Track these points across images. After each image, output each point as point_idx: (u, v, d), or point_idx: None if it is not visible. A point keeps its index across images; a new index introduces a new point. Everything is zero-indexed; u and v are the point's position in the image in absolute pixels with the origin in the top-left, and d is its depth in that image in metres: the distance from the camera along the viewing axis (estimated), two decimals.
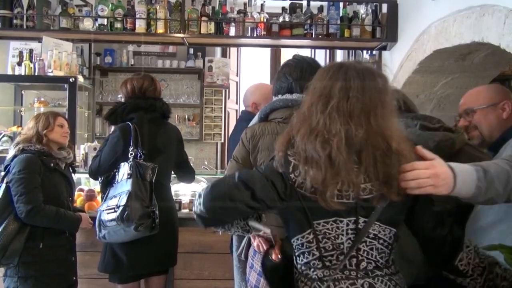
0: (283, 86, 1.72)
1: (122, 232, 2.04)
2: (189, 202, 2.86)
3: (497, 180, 1.14)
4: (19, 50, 3.22)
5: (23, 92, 3.44)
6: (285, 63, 1.80)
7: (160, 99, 2.38)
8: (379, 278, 1.15)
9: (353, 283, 1.14)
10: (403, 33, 3.24)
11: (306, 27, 3.38)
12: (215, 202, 1.14)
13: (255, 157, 1.66)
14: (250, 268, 1.71)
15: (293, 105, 1.65)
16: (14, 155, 2.17)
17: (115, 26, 3.32)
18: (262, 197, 1.13)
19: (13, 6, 3.27)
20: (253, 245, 1.44)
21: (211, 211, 1.15)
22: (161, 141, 2.28)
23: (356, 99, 1.10)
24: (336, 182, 1.08)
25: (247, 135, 1.69)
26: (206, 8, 3.36)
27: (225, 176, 1.33)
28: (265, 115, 1.71)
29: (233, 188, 1.13)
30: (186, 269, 2.71)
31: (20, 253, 2.08)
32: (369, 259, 1.16)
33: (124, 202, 2.02)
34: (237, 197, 1.13)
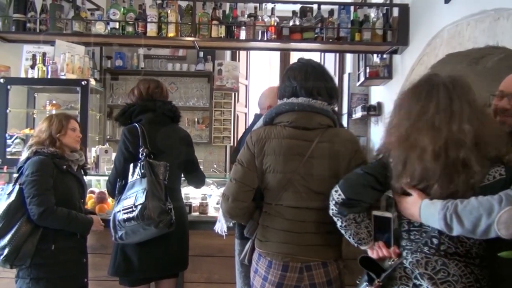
0: (287, 90, 1.72)
1: (141, 230, 2.03)
2: (199, 205, 2.86)
3: (471, 212, 1.20)
4: (32, 54, 3.26)
5: (36, 95, 3.48)
6: (290, 67, 1.79)
7: (169, 102, 2.38)
8: (455, 261, 1.31)
9: (428, 258, 1.33)
10: (414, 37, 3.22)
11: (316, 30, 3.38)
12: (352, 188, 1.42)
13: (260, 160, 1.65)
14: (255, 273, 1.70)
15: (298, 109, 1.65)
16: (27, 157, 2.18)
17: (126, 30, 3.35)
18: (382, 179, 1.40)
19: (26, 10, 3.32)
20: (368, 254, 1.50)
21: (351, 194, 1.41)
22: (169, 143, 2.26)
23: (458, 115, 1.26)
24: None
25: (253, 138, 1.68)
26: (217, 12, 3.37)
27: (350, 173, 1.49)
28: (270, 118, 1.71)
29: (361, 176, 1.43)
30: (195, 273, 2.71)
31: (32, 254, 2.09)
32: (450, 244, 1.32)
33: (142, 201, 2.01)
34: (366, 182, 1.41)
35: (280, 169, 1.63)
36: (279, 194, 1.64)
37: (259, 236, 1.70)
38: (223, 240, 2.24)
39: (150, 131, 2.20)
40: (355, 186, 1.43)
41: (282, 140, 1.64)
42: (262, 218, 1.72)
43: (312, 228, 1.62)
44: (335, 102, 1.77)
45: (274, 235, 1.65)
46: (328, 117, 1.68)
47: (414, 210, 1.34)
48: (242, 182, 1.66)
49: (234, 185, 1.67)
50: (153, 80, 2.40)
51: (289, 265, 1.60)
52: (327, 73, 1.77)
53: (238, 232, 2.05)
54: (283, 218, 1.65)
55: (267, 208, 1.70)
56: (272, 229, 1.66)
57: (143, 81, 2.37)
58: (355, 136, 1.81)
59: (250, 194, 1.68)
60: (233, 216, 1.76)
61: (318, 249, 1.62)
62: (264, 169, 1.65)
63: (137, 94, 2.33)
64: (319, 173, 1.61)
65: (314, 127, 1.65)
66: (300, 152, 1.62)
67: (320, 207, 1.61)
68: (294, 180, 1.62)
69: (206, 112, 5.28)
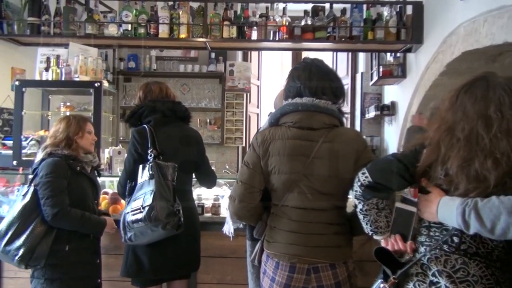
0: (292, 90, 1.70)
1: (149, 232, 2.03)
2: (211, 206, 2.85)
3: (489, 211, 1.17)
4: (46, 56, 3.30)
5: (50, 97, 3.52)
6: (294, 67, 1.78)
7: (179, 103, 2.38)
8: (475, 260, 1.26)
9: (448, 256, 1.29)
10: (429, 35, 3.17)
11: (328, 30, 3.34)
12: (380, 172, 1.41)
13: (266, 162, 1.64)
14: (263, 274, 1.69)
15: (302, 109, 1.63)
16: (42, 158, 2.20)
17: (138, 32, 3.37)
18: (412, 171, 1.36)
19: (41, 13, 3.36)
20: (382, 245, 1.46)
21: (379, 178, 1.40)
22: (178, 144, 2.26)
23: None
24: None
25: (258, 140, 1.67)
26: (228, 12, 3.37)
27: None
28: (275, 119, 1.70)
29: (390, 162, 1.41)
30: (208, 274, 2.70)
31: (46, 255, 2.11)
32: (471, 243, 1.27)
33: (150, 202, 2.01)
34: (395, 168, 1.39)
35: (284, 170, 1.61)
36: (284, 195, 1.63)
37: (267, 237, 1.69)
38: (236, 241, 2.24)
39: (159, 132, 2.20)
40: (383, 171, 1.41)
41: (286, 141, 1.62)
42: (269, 219, 1.71)
43: (319, 229, 1.60)
44: (341, 101, 1.74)
45: (281, 236, 1.64)
46: (333, 116, 1.66)
47: (432, 208, 1.31)
48: (249, 184, 1.65)
49: (241, 186, 1.66)
50: (158, 82, 2.41)
51: (296, 266, 1.58)
52: (332, 72, 1.75)
53: (249, 234, 2.04)
54: (289, 219, 1.63)
55: (274, 209, 1.69)
56: (279, 230, 1.65)
57: (150, 83, 2.40)
58: (362, 135, 1.78)
59: (257, 195, 1.67)
60: (240, 218, 1.75)
61: (326, 251, 1.59)
62: (269, 170, 1.64)
63: (142, 96, 2.35)
64: (324, 173, 1.59)
65: (319, 127, 1.63)
66: (304, 153, 1.60)
67: (327, 207, 1.59)
68: (299, 180, 1.60)
69: (218, 113, 5.28)
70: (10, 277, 2.78)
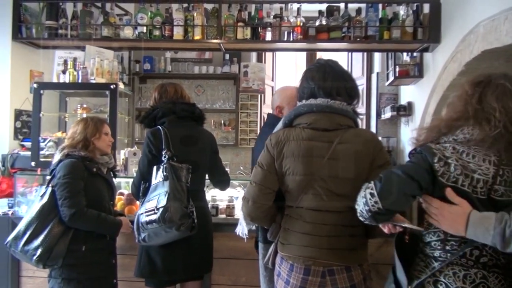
0: (306, 91, 1.69)
1: (163, 233, 2.05)
2: (225, 207, 2.85)
3: None
4: (64, 59, 3.36)
5: (68, 99, 3.58)
6: (308, 68, 1.77)
7: (193, 104, 2.39)
8: (494, 273, 1.23)
9: (467, 271, 1.24)
10: (447, 34, 3.10)
11: (343, 30, 3.31)
12: (392, 197, 1.27)
13: (280, 163, 1.63)
14: (278, 276, 1.67)
15: (317, 110, 1.62)
16: (59, 160, 2.24)
17: (153, 34, 3.39)
18: (425, 186, 1.27)
19: (58, 16, 3.41)
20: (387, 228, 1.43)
21: (390, 205, 1.27)
22: (192, 145, 2.27)
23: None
24: None
25: (272, 141, 1.66)
26: (243, 13, 3.36)
27: (389, 172, 1.31)
28: (289, 120, 1.69)
29: (403, 183, 1.27)
30: (223, 275, 2.70)
31: (64, 255, 2.14)
32: (492, 256, 1.23)
33: (164, 203, 2.03)
34: (409, 190, 1.27)
35: (299, 171, 1.60)
36: (299, 197, 1.61)
37: (281, 239, 1.68)
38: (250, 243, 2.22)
39: (173, 134, 2.21)
40: (396, 195, 1.26)
41: (301, 142, 1.61)
42: (283, 221, 1.70)
43: (334, 231, 1.58)
44: (356, 102, 1.72)
45: (295, 238, 1.62)
46: (348, 117, 1.64)
47: (458, 223, 1.21)
48: (262, 185, 1.64)
49: (254, 187, 1.65)
50: (173, 83, 2.42)
51: (311, 268, 1.57)
52: (346, 73, 1.74)
53: (261, 236, 2.03)
54: (304, 221, 1.61)
55: (288, 210, 1.68)
56: (293, 232, 1.64)
57: (164, 85, 2.41)
58: (377, 136, 1.75)
59: (271, 196, 1.66)
60: (253, 219, 1.74)
61: (341, 253, 1.57)
62: (284, 172, 1.63)
63: (157, 97, 2.37)
64: (339, 175, 1.57)
65: (334, 128, 1.61)
66: (319, 154, 1.59)
67: (342, 209, 1.57)
68: (314, 182, 1.58)
69: (232, 114, 5.28)
70: (28, 276, 2.83)
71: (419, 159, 1.30)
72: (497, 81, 1.31)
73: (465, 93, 1.35)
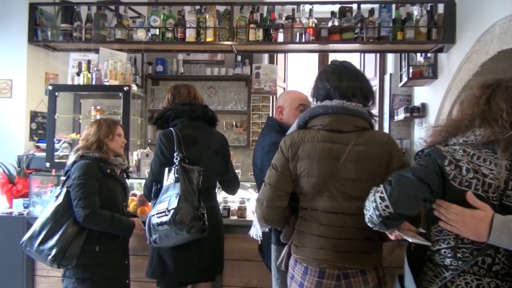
0: (321, 93, 1.68)
1: (174, 235, 2.05)
2: (237, 209, 2.85)
3: None
4: (78, 61, 3.41)
5: (82, 101, 3.62)
6: (322, 69, 1.76)
7: (206, 106, 2.39)
8: (507, 282, 1.18)
9: (480, 280, 1.19)
10: (462, 34, 3.06)
11: (356, 30, 3.29)
12: (404, 201, 1.23)
13: (294, 165, 1.62)
14: (291, 279, 1.66)
15: (332, 112, 1.60)
16: (74, 161, 2.27)
17: (166, 36, 3.41)
18: (435, 189, 1.23)
19: (73, 20, 3.47)
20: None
21: (402, 209, 1.24)
22: (204, 147, 2.27)
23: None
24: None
25: (286, 143, 1.65)
26: (255, 15, 3.37)
27: (398, 175, 1.27)
28: (304, 122, 1.67)
29: (414, 186, 1.23)
30: (234, 277, 2.70)
31: (78, 255, 2.16)
32: (505, 264, 1.18)
33: (175, 205, 2.03)
34: (420, 194, 1.23)
35: (314, 173, 1.58)
36: (314, 199, 1.60)
37: (295, 241, 1.67)
38: None
39: (185, 135, 2.21)
40: (407, 199, 1.23)
41: (316, 144, 1.60)
42: (297, 223, 1.68)
43: (349, 234, 1.56)
44: (371, 103, 1.70)
45: (310, 241, 1.61)
46: (364, 119, 1.63)
47: (481, 227, 1.15)
48: (277, 187, 1.63)
49: (269, 189, 1.64)
50: (186, 85, 2.42)
51: (326, 271, 1.55)
52: (361, 74, 1.72)
53: (274, 238, 2.02)
54: (318, 224, 1.60)
55: (303, 213, 1.67)
56: (307, 235, 1.62)
57: (177, 86, 2.41)
58: (393, 138, 1.73)
59: (285, 198, 1.65)
60: (268, 221, 1.73)
61: (356, 256, 1.56)
62: (299, 174, 1.61)
63: (171, 99, 2.37)
64: (355, 177, 1.55)
65: (349, 130, 1.60)
66: (335, 156, 1.57)
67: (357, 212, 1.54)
68: (329, 184, 1.57)
69: (244, 116, 5.29)
70: (43, 275, 2.87)
71: (428, 162, 1.27)
72: (507, 83, 1.30)
73: (473, 95, 1.33)
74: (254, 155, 2.21)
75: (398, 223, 1.30)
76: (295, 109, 2.17)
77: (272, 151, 2.04)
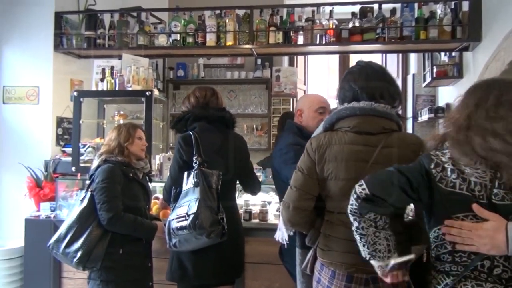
0: (347, 94, 1.65)
1: (194, 239, 2.05)
2: (259, 212, 2.84)
3: None
4: (102, 68, 3.48)
5: (105, 106, 3.70)
6: (349, 70, 1.72)
7: (224, 109, 2.38)
8: (510, 287, 1.12)
9: (481, 285, 1.15)
10: (488, 32, 2.97)
11: (378, 31, 3.24)
12: (379, 184, 1.29)
13: (321, 167, 1.59)
14: (317, 283, 1.63)
15: (361, 113, 1.57)
16: (98, 165, 2.31)
17: (187, 41, 3.45)
18: (416, 185, 1.26)
19: (96, 27, 3.55)
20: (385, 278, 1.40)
21: (377, 190, 1.28)
22: (223, 150, 2.27)
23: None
24: None
25: (313, 145, 1.63)
26: (274, 18, 3.37)
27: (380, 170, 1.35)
28: (330, 124, 1.65)
29: (392, 174, 1.29)
30: (256, 280, 2.69)
31: (102, 257, 2.20)
32: (505, 267, 1.14)
33: (195, 210, 2.03)
34: (397, 181, 1.27)
35: (342, 176, 1.55)
36: (341, 202, 1.56)
37: (321, 245, 1.64)
38: None
39: (204, 139, 2.21)
40: (383, 182, 1.29)
41: (344, 146, 1.57)
42: (324, 226, 1.66)
43: None
44: (399, 104, 1.67)
45: (337, 245, 1.58)
46: (392, 120, 1.59)
47: (498, 239, 1.10)
48: (303, 190, 1.61)
49: (295, 192, 1.63)
50: (209, 87, 2.41)
51: (354, 276, 1.52)
52: (388, 74, 1.69)
53: (299, 241, 2.00)
54: (346, 227, 1.56)
55: (329, 216, 1.64)
56: (334, 238, 1.59)
57: (199, 89, 2.39)
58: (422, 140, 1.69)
59: (311, 202, 1.63)
60: (294, 225, 1.70)
61: None
62: (326, 176, 1.59)
63: (193, 101, 2.35)
64: None
65: (378, 132, 1.56)
66: (363, 158, 1.54)
67: None
68: None
69: (265, 119, 5.28)
70: (69, 277, 2.94)
71: (415, 164, 1.31)
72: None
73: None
74: (272, 157, 2.20)
75: (375, 210, 1.30)
76: (314, 112, 2.16)
77: (289, 153, 2.03)
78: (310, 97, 2.33)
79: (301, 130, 2.15)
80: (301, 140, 2.05)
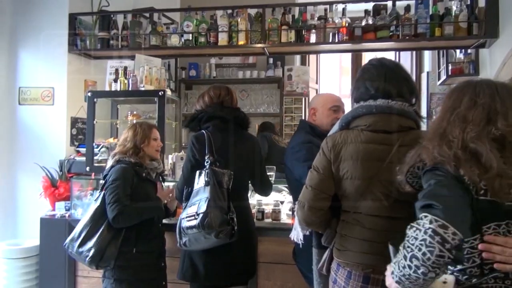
0: (363, 92, 1.63)
1: (203, 239, 2.05)
2: (271, 212, 2.83)
3: None
4: (115, 68, 3.50)
5: (119, 106, 3.72)
6: (364, 68, 1.70)
7: (238, 109, 2.37)
8: None
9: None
10: (506, 28, 2.91)
11: (391, 28, 3.19)
12: (461, 218, 1.07)
13: (337, 167, 1.57)
14: (334, 283, 1.61)
15: (377, 111, 1.55)
16: (112, 165, 2.32)
17: (199, 41, 3.46)
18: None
19: (110, 28, 3.58)
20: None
21: (466, 229, 1.08)
22: (235, 150, 2.25)
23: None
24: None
25: (328, 144, 1.60)
26: (286, 16, 3.35)
27: (431, 193, 1.13)
28: (346, 122, 1.63)
29: (458, 200, 1.10)
30: (269, 280, 2.68)
31: (115, 256, 2.22)
32: None
33: (204, 209, 2.03)
34: (466, 205, 1.11)
35: (358, 175, 1.53)
36: (357, 202, 1.54)
37: (337, 245, 1.62)
38: None
39: (216, 138, 2.20)
40: (463, 216, 1.06)
41: (360, 145, 1.54)
42: (340, 226, 1.64)
43: None
44: (415, 101, 1.63)
45: (353, 245, 1.56)
46: (410, 118, 1.56)
47: None
48: (318, 189, 1.59)
49: (310, 192, 1.61)
50: (224, 86, 2.40)
51: (371, 276, 1.50)
52: (404, 71, 1.66)
53: (315, 241, 1.98)
54: (362, 227, 1.55)
55: (345, 216, 1.62)
56: (351, 238, 1.57)
57: (214, 88, 2.37)
58: None
59: (327, 201, 1.61)
60: (309, 224, 1.69)
61: None
62: (341, 176, 1.57)
63: (207, 100, 2.34)
64: None
65: (395, 130, 1.53)
66: (379, 157, 1.51)
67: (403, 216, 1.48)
68: (374, 187, 1.51)
69: (277, 118, 5.26)
70: (84, 276, 2.97)
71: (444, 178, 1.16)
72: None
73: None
74: (285, 156, 2.19)
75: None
76: (328, 110, 2.14)
77: (300, 151, 2.01)
78: (324, 95, 2.33)
79: (313, 128, 2.13)
80: (313, 138, 2.04)
